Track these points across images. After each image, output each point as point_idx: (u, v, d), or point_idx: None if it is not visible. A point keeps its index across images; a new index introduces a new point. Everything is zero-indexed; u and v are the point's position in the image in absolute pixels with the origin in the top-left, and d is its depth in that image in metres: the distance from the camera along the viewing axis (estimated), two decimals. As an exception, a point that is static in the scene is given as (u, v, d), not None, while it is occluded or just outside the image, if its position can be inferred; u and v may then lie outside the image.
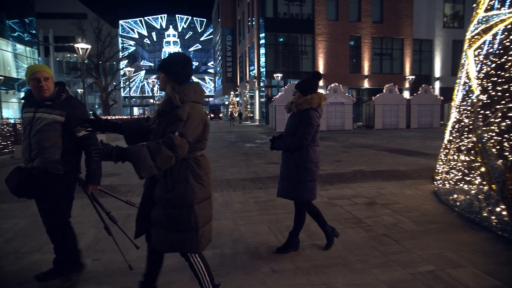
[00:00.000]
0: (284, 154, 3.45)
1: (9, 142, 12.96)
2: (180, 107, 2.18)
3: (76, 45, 16.30)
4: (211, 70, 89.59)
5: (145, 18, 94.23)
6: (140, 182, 7.09)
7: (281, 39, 35.31)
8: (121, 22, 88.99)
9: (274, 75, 30.07)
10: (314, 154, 3.39)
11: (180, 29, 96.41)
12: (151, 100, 64.84)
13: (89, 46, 16.82)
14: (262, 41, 34.65)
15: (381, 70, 35.76)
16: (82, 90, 18.09)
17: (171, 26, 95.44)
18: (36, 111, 2.83)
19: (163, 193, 2.24)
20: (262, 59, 34.86)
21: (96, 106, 60.54)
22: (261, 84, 35.50)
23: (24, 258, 3.48)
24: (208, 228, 2.36)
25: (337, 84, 24.31)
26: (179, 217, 2.23)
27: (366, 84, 35.24)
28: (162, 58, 2.38)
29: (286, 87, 24.02)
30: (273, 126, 23.94)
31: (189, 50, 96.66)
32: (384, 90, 24.99)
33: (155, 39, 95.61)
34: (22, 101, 2.96)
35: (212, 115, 60.02)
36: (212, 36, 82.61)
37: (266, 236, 3.97)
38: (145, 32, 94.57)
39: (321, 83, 34.01)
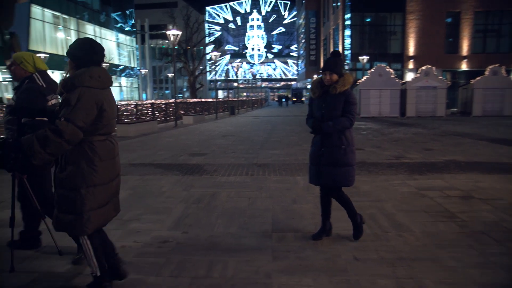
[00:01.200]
0: (326, 138, 3.27)
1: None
2: (70, 92, 2.19)
3: (168, 32, 17.38)
4: (294, 53, 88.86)
5: (230, 3, 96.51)
6: (226, 162, 7.43)
7: (368, 19, 33.45)
8: (207, 8, 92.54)
9: (360, 57, 28.68)
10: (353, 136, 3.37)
11: (264, 12, 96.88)
12: (235, 84, 66.61)
13: (179, 33, 17.80)
14: (348, 22, 33.22)
15: (484, 50, 31.82)
16: (173, 74, 19.31)
17: (255, 10, 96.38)
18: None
19: (57, 173, 2.31)
20: (347, 41, 33.51)
21: (184, 89, 64.34)
22: (346, 67, 34.25)
23: (125, 225, 3.89)
24: (98, 213, 2.33)
25: (429, 66, 22.33)
26: (66, 198, 2.27)
27: (463, 66, 31.82)
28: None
29: (372, 70, 22.81)
30: (358, 111, 23.05)
31: (273, 33, 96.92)
32: (486, 72, 22.27)
33: (239, 24, 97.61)
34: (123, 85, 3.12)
35: (295, 99, 59.48)
36: (295, 18, 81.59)
37: (347, 223, 3.85)
38: (230, 17, 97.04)
39: (411, 65, 31.66)
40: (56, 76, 32.23)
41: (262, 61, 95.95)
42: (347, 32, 33.45)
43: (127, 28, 45.13)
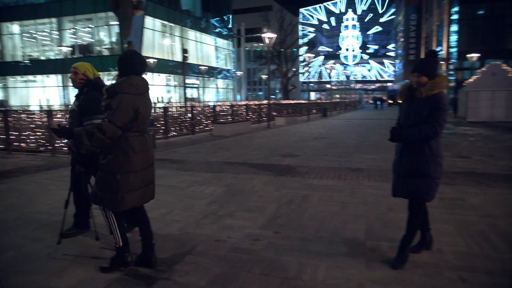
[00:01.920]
0: (406, 146, 2.94)
1: (209, 122, 15.40)
2: (112, 97, 2.63)
3: (263, 35, 17.84)
4: (391, 53, 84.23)
5: (324, 3, 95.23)
6: (318, 164, 7.35)
7: (481, 12, 29.97)
8: (301, 10, 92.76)
9: (468, 55, 25.82)
10: (442, 146, 2.93)
11: (359, 11, 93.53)
12: (328, 85, 65.57)
13: (274, 35, 18.15)
14: (455, 17, 30.22)
15: None
16: (266, 76, 19.80)
17: (350, 10, 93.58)
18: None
19: (100, 159, 2.78)
20: (453, 37, 30.50)
21: (277, 91, 65.39)
22: (450, 67, 31.21)
23: (220, 220, 4.09)
24: (132, 196, 2.78)
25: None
26: (104, 180, 2.75)
27: None
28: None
29: (484, 69, 20.35)
30: (464, 115, 20.79)
31: (368, 33, 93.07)
32: None
33: (333, 24, 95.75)
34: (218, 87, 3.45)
35: (391, 101, 55.71)
36: (394, 16, 77.27)
37: (452, 238, 3.51)
38: (324, 18, 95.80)
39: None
40: (162, 78, 35.47)
41: (356, 62, 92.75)
42: (454, 27, 30.46)
43: (224, 33, 47.58)
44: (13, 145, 9.83)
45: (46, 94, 34.18)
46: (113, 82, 2.77)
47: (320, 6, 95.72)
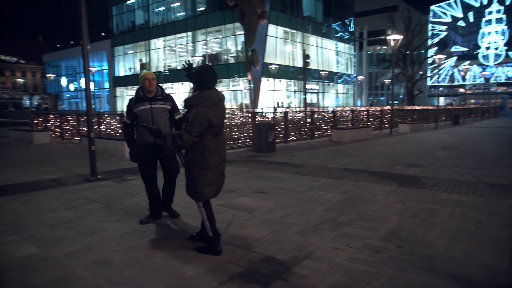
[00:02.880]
0: None
1: (328, 127, 15.30)
2: (189, 110, 3.10)
3: (388, 37, 16.93)
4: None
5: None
6: (448, 177, 6.70)
7: None
8: (432, 7, 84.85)
9: None
10: None
11: (508, 1, 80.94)
12: (461, 89, 58.51)
13: (401, 37, 17.08)
14: None
15: None
16: (389, 80, 18.70)
17: (495, 1, 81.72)
18: (152, 104, 4.05)
19: (185, 158, 3.35)
20: None
21: (401, 96, 61.17)
22: None
23: (338, 228, 4.05)
24: (209, 189, 3.26)
25: None
26: (188, 175, 3.28)
27: None
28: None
29: None
30: None
31: (516, 27, 79.86)
32: None
33: (471, 20, 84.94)
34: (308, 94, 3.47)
35: None
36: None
37: None
38: (459, 14, 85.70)
39: None
40: (283, 84, 36.57)
41: (499, 61, 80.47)
42: None
43: (346, 37, 46.61)
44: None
45: (179, 99, 38.61)
46: (189, 95, 3.29)
47: (455, 1, 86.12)
